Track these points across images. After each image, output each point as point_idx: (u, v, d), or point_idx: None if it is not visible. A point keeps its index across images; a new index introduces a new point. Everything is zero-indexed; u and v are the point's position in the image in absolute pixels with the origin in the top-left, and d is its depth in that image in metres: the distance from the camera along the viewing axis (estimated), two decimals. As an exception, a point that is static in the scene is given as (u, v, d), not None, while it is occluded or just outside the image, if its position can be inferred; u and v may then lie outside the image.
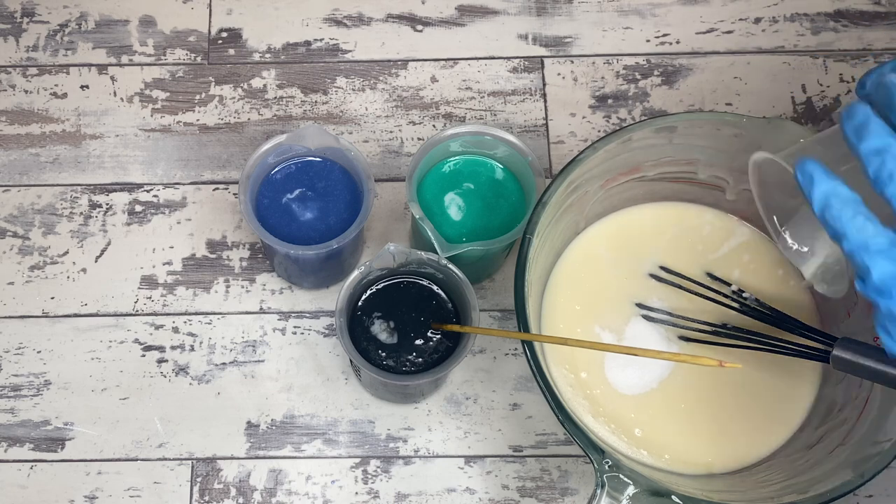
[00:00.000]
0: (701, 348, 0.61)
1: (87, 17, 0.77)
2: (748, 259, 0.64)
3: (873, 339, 0.57)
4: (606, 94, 0.75)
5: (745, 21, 0.78)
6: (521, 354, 0.68)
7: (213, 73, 0.76)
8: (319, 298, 0.70)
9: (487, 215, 0.64)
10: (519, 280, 0.55)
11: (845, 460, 0.53)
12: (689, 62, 0.76)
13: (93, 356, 0.68)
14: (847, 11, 0.78)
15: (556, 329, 0.62)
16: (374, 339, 0.61)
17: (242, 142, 0.74)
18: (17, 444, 0.66)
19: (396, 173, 0.73)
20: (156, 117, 0.74)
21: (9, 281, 0.70)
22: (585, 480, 0.65)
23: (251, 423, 0.67)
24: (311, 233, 0.63)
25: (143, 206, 0.72)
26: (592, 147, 0.57)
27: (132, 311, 0.69)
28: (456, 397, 0.67)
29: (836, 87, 0.76)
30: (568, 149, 0.73)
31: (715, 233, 0.65)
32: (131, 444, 0.66)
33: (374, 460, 0.66)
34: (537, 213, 0.56)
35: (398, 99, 0.75)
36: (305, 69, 0.76)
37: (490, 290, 0.70)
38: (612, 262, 0.64)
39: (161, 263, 0.70)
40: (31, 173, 0.73)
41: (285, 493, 0.65)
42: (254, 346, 0.68)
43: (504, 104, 0.75)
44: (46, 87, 0.75)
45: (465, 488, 0.65)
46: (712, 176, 0.62)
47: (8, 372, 0.68)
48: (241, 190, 0.61)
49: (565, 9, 0.78)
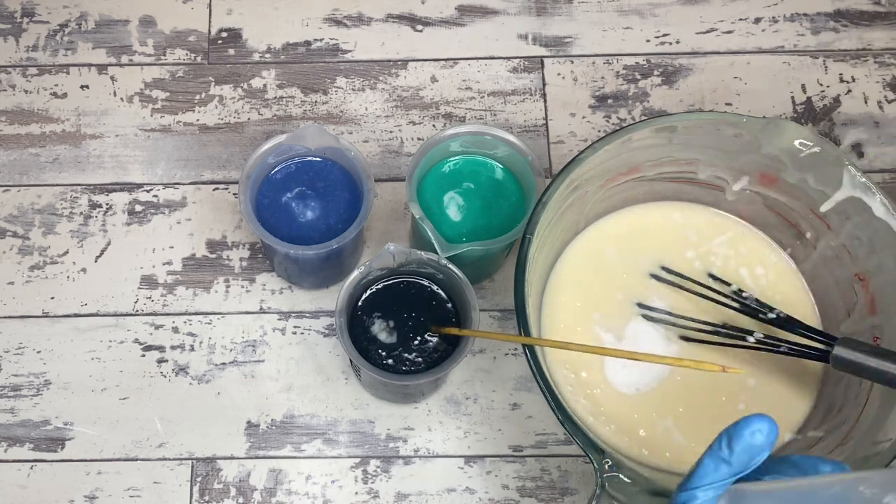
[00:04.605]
0: (701, 348, 0.61)
1: (87, 17, 0.77)
2: (748, 259, 0.64)
3: (873, 339, 0.57)
4: (606, 94, 0.75)
5: (745, 21, 0.78)
6: (521, 354, 0.68)
7: (213, 73, 0.76)
8: (319, 298, 0.70)
9: (487, 215, 0.64)
10: (519, 280, 0.55)
11: (845, 460, 0.53)
12: (689, 62, 0.76)
13: (93, 356, 0.68)
14: (847, 11, 0.78)
15: (556, 329, 0.62)
16: (374, 339, 0.61)
17: (242, 142, 0.74)
18: (17, 444, 0.66)
19: (396, 173, 0.73)
20: (156, 117, 0.74)
21: (9, 281, 0.70)
22: (585, 480, 0.65)
23: (251, 423, 0.67)
24: (311, 233, 0.63)
25: (143, 206, 0.72)
26: (592, 147, 0.57)
27: (132, 311, 0.69)
28: (456, 397, 0.67)
29: (836, 87, 0.76)
30: (568, 149, 0.73)
31: (715, 233, 0.65)
32: (131, 444, 0.66)
33: (374, 460, 0.66)
34: (537, 213, 0.56)
35: (398, 99, 0.75)
36: (305, 69, 0.76)
37: (490, 290, 0.70)
38: (612, 262, 0.64)
39: (161, 263, 0.70)
40: (31, 173, 0.73)
41: (285, 493, 0.65)
42: (254, 346, 0.68)
43: (504, 104, 0.75)
44: (46, 87, 0.75)
45: (465, 488, 0.65)
46: (712, 176, 0.62)
47: (8, 372, 0.68)
48: (241, 190, 0.61)
49: (565, 9, 0.78)
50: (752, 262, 0.64)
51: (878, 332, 0.57)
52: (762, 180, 0.61)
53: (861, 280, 0.58)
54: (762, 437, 0.40)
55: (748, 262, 0.64)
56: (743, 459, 0.40)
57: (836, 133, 0.74)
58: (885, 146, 0.74)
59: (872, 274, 0.57)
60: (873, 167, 0.73)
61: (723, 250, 0.64)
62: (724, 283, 0.63)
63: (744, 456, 0.40)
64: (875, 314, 0.57)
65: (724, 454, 0.41)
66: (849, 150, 0.74)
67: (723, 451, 0.41)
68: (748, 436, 0.40)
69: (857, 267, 0.58)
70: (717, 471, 0.41)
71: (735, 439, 0.40)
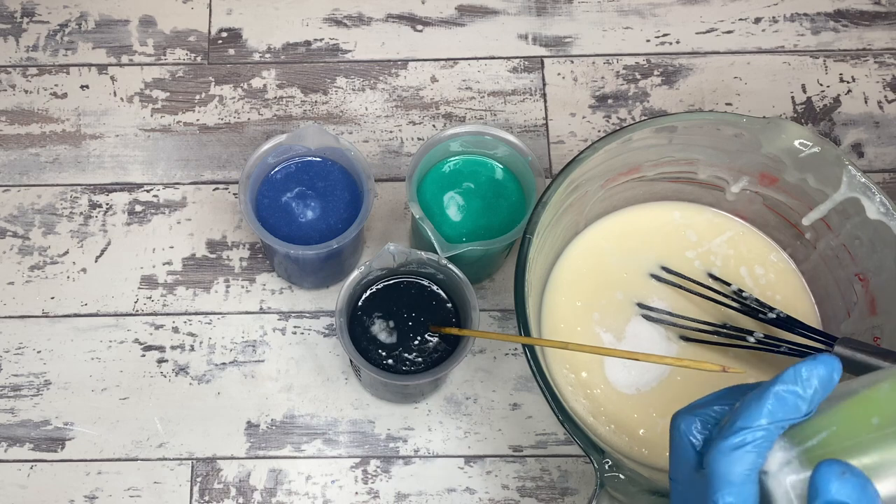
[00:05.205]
0: (701, 348, 0.61)
1: (87, 17, 0.77)
2: (748, 259, 0.64)
3: (873, 339, 0.57)
4: (606, 94, 0.75)
5: (745, 21, 0.78)
6: (521, 354, 0.68)
7: (213, 73, 0.76)
8: (319, 298, 0.70)
9: (487, 215, 0.64)
10: (519, 280, 0.55)
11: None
12: (689, 62, 0.76)
13: (93, 356, 0.68)
14: (847, 11, 0.78)
15: (556, 329, 0.62)
16: (374, 339, 0.61)
17: (242, 142, 0.74)
18: (17, 444, 0.66)
19: (396, 173, 0.73)
20: (156, 117, 0.74)
21: (9, 281, 0.70)
22: (585, 480, 0.65)
23: (251, 423, 0.67)
24: (311, 233, 0.63)
25: (143, 205, 0.72)
26: (592, 147, 0.57)
27: (132, 311, 0.69)
28: (456, 397, 0.67)
29: (836, 87, 0.76)
30: (568, 149, 0.73)
31: (715, 233, 0.65)
32: (131, 444, 0.66)
33: (374, 460, 0.66)
34: (537, 213, 0.56)
35: (398, 99, 0.75)
36: (305, 69, 0.76)
37: (490, 290, 0.70)
38: (612, 262, 0.64)
39: (161, 263, 0.70)
40: (31, 173, 0.73)
41: (285, 493, 0.65)
42: (254, 346, 0.68)
43: (504, 104, 0.75)
44: (46, 87, 0.75)
45: (465, 488, 0.65)
46: (712, 176, 0.62)
47: (8, 372, 0.68)
48: (241, 190, 0.61)
49: (565, 9, 0.78)
50: (752, 262, 0.64)
51: (878, 332, 0.57)
52: (762, 180, 0.61)
53: (861, 280, 0.58)
54: (837, 377, 0.36)
55: (748, 262, 0.64)
56: (816, 399, 0.36)
57: (836, 133, 0.74)
58: (885, 146, 0.74)
59: (872, 274, 0.57)
60: (873, 167, 0.73)
61: (723, 250, 0.64)
62: (724, 283, 0.63)
63: (818, 396, 0.36)
64: (875, 314, 0.57)
65: (799, 390, 0.36)
66: (849, 150, 0.74)
67: (798, 386, 0.36)
68: (827, 375, 0.36)
69: (857, 267, 0.58)
70: (789, 407, 0.36)
71: (813, 375, 0.36)
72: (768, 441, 0.36)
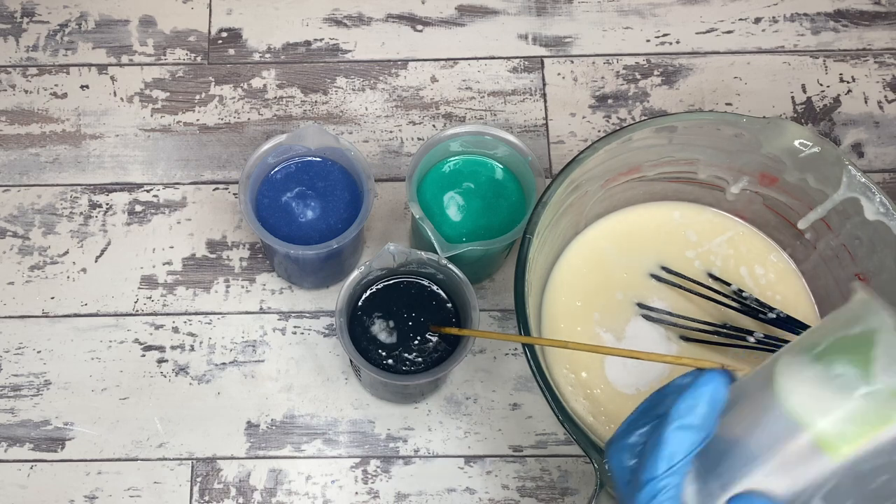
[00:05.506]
0: (701, 348, 0.61)
1: (87, 17, 0.77)
2: (748, 259, 0.64)
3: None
4: (606, 94, 0.75)
5: (745, 21, 0.78)
6: (521, 354, 0.68)
7: (213, 73, 0.76)
8: (319, 298, 0.70)
9: (487, 215, 0.64)
10: (519, 280, 0.55)
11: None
12: (689, 62, 0.76)
13: (93, 356, 0.68)
14: (847, 11, 0.78)
15: (556, 329, 0.62)
16: (374, 339, 0.61)
17: (242, 142, 0.74)
18: (17, 444, 0.66)
19: (396, 173, 0.73)
20: (156, 117, 0.74)
21: (9, 281, 0.70)
22: (585, 480, 0.65)
23: (251, 423, 0.67)
24: (311, 233, 0.63)
25: (143, 205, 0.72)
26: (592, 147, 0.57)
27: (132, 311, 0.69)
28: (456, 397, 0.67)
29: (836, 87, 0.76)
30: (568, 149, 0.73)
31: (715, 233, 0.65)
32: (131, 444, 0.66)
33: (374, 460, 0.66)
34: (537, 213, 0.56)
35: (398, 99, 0.75)
36: (305, 69, 0.76)
37: (490, 290, 0.70)
38: (612, 262, 0.64)
39: (161, 263, 0.70)
40: (31, 173, 0.73)
41: (285, 493, 0.65)
42: (254, 346, 0.68)
43: (504, 104, 0.75)
44: (46, 87, 0.75)
45: (465, 488, 0.65)
46: (712, 176, 0.62)
47: (8, 372, 0.68)
48: (241, 190, 0.61)
49: (565, 9, 0.78)
50: (752, 262, 0.64)
51: (878, 332, 0.57)
52: (762, 180, 0.61)
53: (861, 280, 0.58)
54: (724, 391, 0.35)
55: (748, 262, 0.64)
56: (711, 421, 0.35)
57: (836, 133, 0.74)
58: (884, 146, 0.74)
59: (872, 274, 0.57)
60: (873, 167, 0.73)
61: (723, 250, 0.64)
62: (724, 283, 0.63)
63: (711, 416, 0.35)
64: (875, 314, 0.57)
65: (692, 420, 0.35)
66: (849, 150, 0.74)
67: (688, 418, 0.35)
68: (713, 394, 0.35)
69: (857, 267, 0.58)
70: (686, 442, 0.36)
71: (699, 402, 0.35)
72: (677, 481, 0.36)
